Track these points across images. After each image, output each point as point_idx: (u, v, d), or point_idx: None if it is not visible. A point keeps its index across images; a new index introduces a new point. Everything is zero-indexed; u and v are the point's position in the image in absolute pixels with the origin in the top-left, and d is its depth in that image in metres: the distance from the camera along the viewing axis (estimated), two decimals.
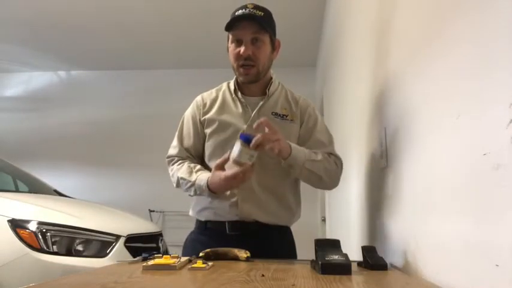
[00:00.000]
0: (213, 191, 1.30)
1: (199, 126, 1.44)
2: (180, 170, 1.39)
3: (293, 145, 1.27)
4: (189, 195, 1.41)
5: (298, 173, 1.31)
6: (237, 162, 1.20)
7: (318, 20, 3.98)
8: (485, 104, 0.63)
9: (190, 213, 1.47)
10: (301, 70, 4.96)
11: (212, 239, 1.31)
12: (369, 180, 1.55)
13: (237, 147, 1.20)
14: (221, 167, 1.27)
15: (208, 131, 1.41)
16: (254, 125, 1.22)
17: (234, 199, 1.34)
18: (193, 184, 1.34)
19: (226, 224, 1.35)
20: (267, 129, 1.20)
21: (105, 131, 5.35)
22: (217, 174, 1.26)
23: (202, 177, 1.32)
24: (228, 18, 1.36)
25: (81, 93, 5.56)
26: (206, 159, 1.43)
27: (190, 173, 1.36)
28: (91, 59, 5.20)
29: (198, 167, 1.39)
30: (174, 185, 1.43)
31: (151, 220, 4.66)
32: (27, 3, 3.87)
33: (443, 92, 0.81)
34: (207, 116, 1.42)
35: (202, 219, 1.41)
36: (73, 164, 5.27)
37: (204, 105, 1.45)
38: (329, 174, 1.34)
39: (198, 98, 1.49)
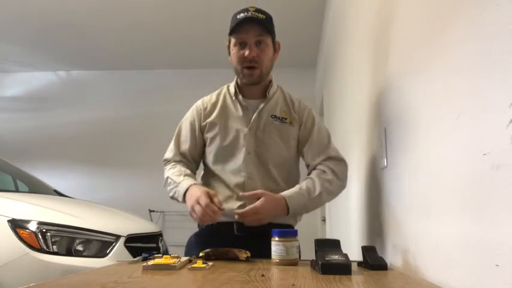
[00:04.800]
0: (185, 199, 1.32)
1: (198, 131, 1.45)
2: (170, 170, 1.42)
3: (288, 197, 1.29)
4: (169, 196, 1.42)
5: (306, 212, 1.37)
6: (293, 262, 1.08)
7: (318, 20, 3.98)
8: (485, 104, 0.63)
9: None
10: (301, 70, 4.96)
11: (219, 241, 1.28)
12: (369, 180, 1.55)
13: (277, 246, 1.09)
14: (211, 197, 1.24)
15: (210, 135, 1.43)
16: (247, 194, 1.26)
17: (242, 202, 1.34)
18: (176, 186, 1.36)
19: (234, 224, 1.35)
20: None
21: (105, 131, 5.35)
22: (203, 195, 1.23)
23: (185, 183, 1.34)
24: (228, 18, 1.37)
25: (81, 93, 5.55)
26: (210, 163, 1.44)
27: (179, 175, 1.38)
28: (91, 59, 5.19)
29: (189, 172, 1.42)
30: (163, 184, 1.46)
31: (151, 220, 4.65)
32: (27, 3, 3.86)
33: (443, 92, 0.81)
34: (208, 120, 1.43)
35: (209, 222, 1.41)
36: (73, 164, 5.27)
37: (205, 109, 1.46)
38: (333, 194, 1.39)
39: (198, 103, 1.49)
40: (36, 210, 2.39)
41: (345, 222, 2.25)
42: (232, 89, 1.45)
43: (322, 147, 1.41)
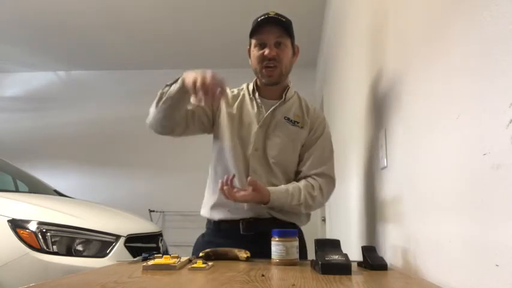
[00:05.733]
0: (184, 81, 1.24)
1: (209, 107, 1.45)
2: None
3: (274, 195, 1.31)
4: (155, 103, 1.37)
5: (280, 210, 1.37)
6: (293, 262, 1.08)
7: (318, 20, 3.98)
8: (485, 104, 0.63)
9: (202, 212, 1.47)
10: (301, 70, 4.92)
11: (227, 241, 1.29)
12: (368, 180, 1.55)
13: (276, 246, 1.08)
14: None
15: (224, 124, 1.44)
16: (248, 180, 1.27)
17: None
18: (169, 86, 1.31)
19: (241, 223, 1.36)
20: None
21: (105, 131, 5.35)
22: (209, 72, 1.14)
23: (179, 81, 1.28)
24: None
25: (81, 93, 5.55)
26: (225, 152, 1.43)
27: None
28: (91, 59, 5.19)
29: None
30: (155, 101, 1.40)
31: (151, 220, 4.65)
32: (27, 3, 3.87)
33: (443, 92, 0.81)
34: (226, 110, 1.45)
35: (216, 218, 1.41)
36: (73, 164, 5.27)
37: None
38: (311, 209, 1.42)
39: None
40: (36, 210, 2.39)
41: (345, 222, 2.25)
42: (250, 87, 1.49)
43: (321, 161, 1.43)
